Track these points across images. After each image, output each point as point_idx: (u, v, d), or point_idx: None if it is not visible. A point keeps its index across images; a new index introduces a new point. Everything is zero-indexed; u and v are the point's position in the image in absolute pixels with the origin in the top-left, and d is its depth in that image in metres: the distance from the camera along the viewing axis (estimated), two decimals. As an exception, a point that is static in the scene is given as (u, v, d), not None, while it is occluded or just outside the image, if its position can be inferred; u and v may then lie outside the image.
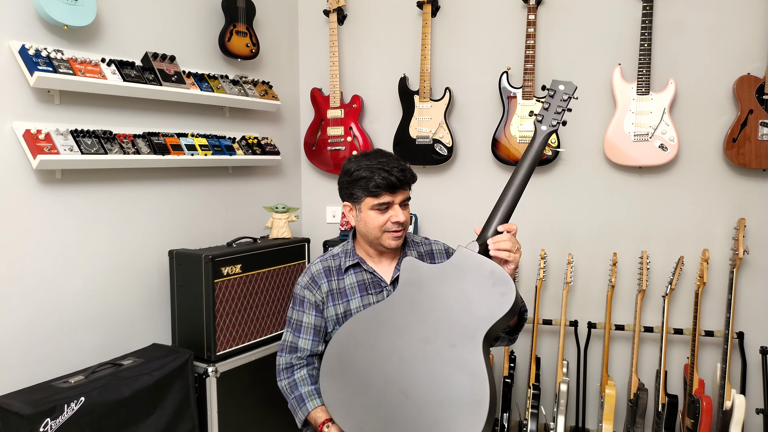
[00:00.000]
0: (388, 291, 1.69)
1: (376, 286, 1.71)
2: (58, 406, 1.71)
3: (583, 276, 2.73)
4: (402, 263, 1.54)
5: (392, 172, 1.58)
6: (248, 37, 2.75)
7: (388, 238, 1.64)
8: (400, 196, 1.62)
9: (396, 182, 1.59)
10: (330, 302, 1.70)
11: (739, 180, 2.48)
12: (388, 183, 1.58)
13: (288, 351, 1.73)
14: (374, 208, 1.61)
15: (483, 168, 2.87)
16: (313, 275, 1.73)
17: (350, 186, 1.64)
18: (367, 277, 1.71)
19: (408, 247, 1.76)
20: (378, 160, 1.61)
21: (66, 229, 2.08)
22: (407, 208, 1.67)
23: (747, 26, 2.41)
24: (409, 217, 1.69)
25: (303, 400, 1.65)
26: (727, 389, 2.28)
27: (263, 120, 2.99)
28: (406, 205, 1.66)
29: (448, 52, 2.91)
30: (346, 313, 1.69)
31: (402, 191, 1.62)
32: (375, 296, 1.70)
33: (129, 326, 2.31)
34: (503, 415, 2.57)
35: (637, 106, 2.50)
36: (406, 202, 1.66)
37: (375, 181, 1.58)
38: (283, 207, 2.68)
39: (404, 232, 1.67)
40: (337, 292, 1.71)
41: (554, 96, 1.56)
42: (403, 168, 1.61)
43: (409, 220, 1.69)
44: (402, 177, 1.60)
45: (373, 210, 1.62)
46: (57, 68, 1.94)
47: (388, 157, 1.63)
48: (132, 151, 2.19)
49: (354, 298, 1.70)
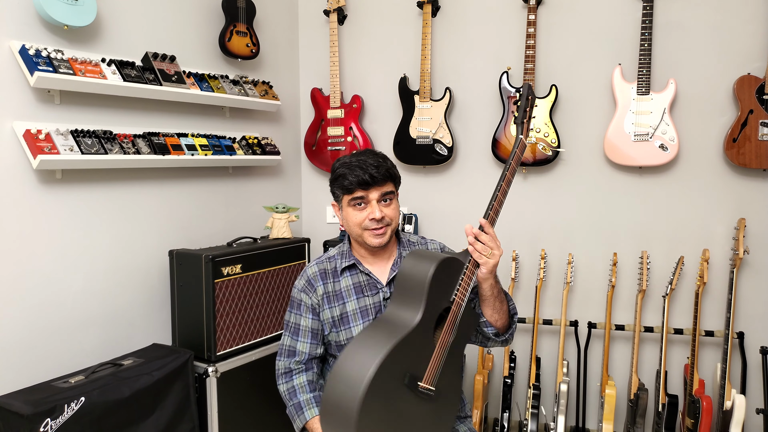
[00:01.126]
0: (383, 292, 1.69)
1: (372, 287, 1.70)
2: (59, 406, 1.71)
3: (583, 276, 2.73)
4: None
5: (367, 169, 1.58)
6: (248, 37, 2.75)
7: (369, 236, 1.63)
8: (375, 192, 1.60)
9: (368, 179, 1.58)
10: (326, 305, 1.70)
11: (739, 180, 2.48)
12: (359, 180, 1.58)
13: (286, 355, 1.73)
14: (350, 204, 1.62)
15: (483, 168, 2.87)
16: (309, 278, 1.73)
17: (332, 185, 1.66)
18: (363, 279, 1.71)
19: (403, 247, 1.74)
20: (358, 158, 1.62)
21: (66, 229, 2.08)
22: (390, 205, 1.64)
23: (747, 26, 2.41)
24: (396, 213, 1.66)
25: (301, 408, 1.65)
26: (727, 389, 2.28)
27: (263, 120, 2.99)
28: (387, 202, 1.63)
29: (449, 52, 2.91)
30: (342, 316, 1.69)
31: (377, 187, 1.60)
32: (371, 298, 1.69)
33: (129, 326, 2.31)
34: (503, 414, 2.57)
35: (637, 106, 2.50)
36: (386, 199, 1.63)
37: (348, 179, 1.59)
38: (284, 207, 2.68)
39: (387, 229, 1.64)
40: (333, 295, 1.70)
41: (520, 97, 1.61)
42: (379, 165, 1.60)
43: (396, 216, 1.67)
44: (375, 173, 1.59)
45: (350, 207, 1.63)
46: (57, 68, 1.94)
47: (367, 155, 1.63)
48: (132, 151, 2.19)
49: (350, 300, 1.69)
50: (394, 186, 1.66)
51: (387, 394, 1.39)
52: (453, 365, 1.55)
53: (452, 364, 1.54)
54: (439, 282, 1.50)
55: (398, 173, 1.69)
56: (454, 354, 1.53)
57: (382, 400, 1.37)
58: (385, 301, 1.68)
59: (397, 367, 1.41)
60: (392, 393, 1.40)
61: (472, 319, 1.59)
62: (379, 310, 1.68)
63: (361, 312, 1.69)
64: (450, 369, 1.53)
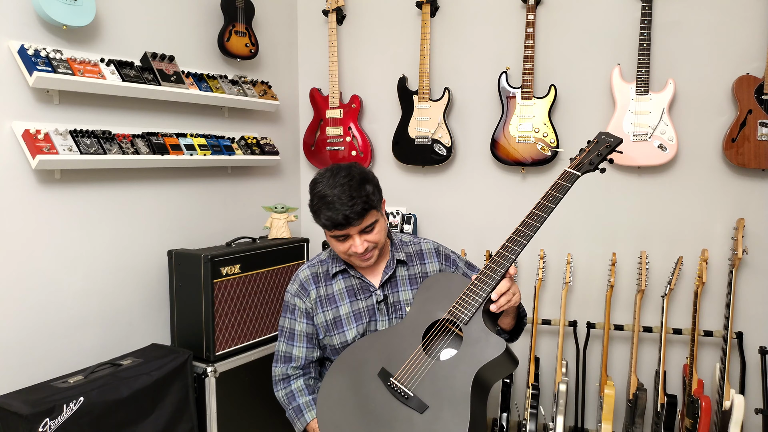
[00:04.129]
0: (376, 295, 1.68)
1: (365, 290, 1.69)
2: (57, 406, 1.71)
3: (582, 276, 2.73)
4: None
5: (339, 210, 1.49)
6: (247, 37, 2.75)
7: (356, 260, 1.62)
8: (353, 228, 1.53)
9: (342, 221, 1.50)
10: (319, 308, 1.69)
11: (738, 180, 2.48)
12: (334, 222, 1.51)
13: (283, 361, 1.72)
14: (332, 238, 1.59)
15: (482, 168, 2.87)
16: (302, 282, 1.72)
17: (312, 213, 1.59)
18: (355, 282, 1.70)
19: (395, 248, 1.73)
20: (333, 191, 1.50)
21: (65, 229, 2.08)
22: (374, 230, 1.57)
23: (746, 26, 2.42)
24: (382, 234, 1.60)
25: (301, 410, 1.65)
26: (726, 389, 2.28)
27: (262, 120, 2.99)
28: (371, 230, 1.57)
29: (448, 52, 2.91)
30: (335, 319, 1.68)
31: (353, 226, 1.52)
32: (364, 301, 1.68)
33: (128, 326, 2.31)
34: (502, 415, 2.57)
35: (636, 106, 2.50)
36: (369, 228, 1.56)
37: (321, 221, 1.54)
38: (282, 207, 2.68)
39: (375, 252, 1.62)
40: (325, 298, 1.69)
41: (597, 144, 1.53)
42: (354, 204, 1.49)
43: (383, 236, 1.61)
44: (351, 214, 1.49)
45: (332, 239, 1.59)
46: (56, 68, 1.94)
47: (342, 187, 1.50)
48: (131, 151, 2.19)
49: (343, 304, 1.69)
50: (376, 214, 1.57)
51: (359, 377, 1.45)
52: (456, 388, 1.35)
53: (455, 386, 1.35)
54: (440, 289, 1.49)
55: (378, 194, 1.58)
56: (456, 374, 1.37)
57: (353, 378, 1.46)
58: (379, 304, 1.68)
59: (374, 353, 1.48)
60: (365, 380, 1.45)
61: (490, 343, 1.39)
62: (373, 312, 1.68)
63: (354, 315, 1.68)
64: (451, 391, 1.35)
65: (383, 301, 1.68)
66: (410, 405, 1.36)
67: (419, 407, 1.35)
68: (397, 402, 1.38)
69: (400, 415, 1.36)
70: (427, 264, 1.75)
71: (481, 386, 1.39)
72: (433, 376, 1.39)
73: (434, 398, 1.35)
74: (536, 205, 1.48)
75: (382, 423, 1.37)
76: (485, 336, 1.39)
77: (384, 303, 1.68)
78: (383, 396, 1.40)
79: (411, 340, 1.47)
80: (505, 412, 2.57)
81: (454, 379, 1.36)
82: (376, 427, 1.37)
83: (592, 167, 1.49)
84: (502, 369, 1.42)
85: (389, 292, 1.69)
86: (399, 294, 1.70)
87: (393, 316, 1.68)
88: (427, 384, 1.38)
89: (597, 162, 1.49)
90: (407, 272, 1.72)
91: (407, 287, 1.71)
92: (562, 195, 1.47)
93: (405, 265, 1.73)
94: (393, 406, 1.38)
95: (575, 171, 1.50)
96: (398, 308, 1.69)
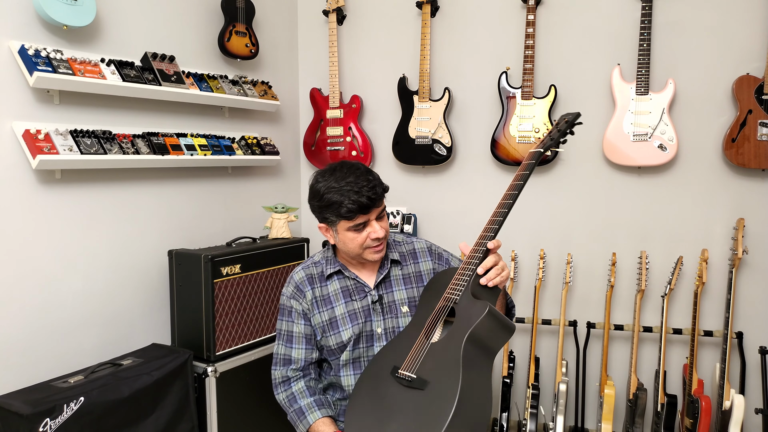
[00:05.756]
0: (371, 296, 1.68)
1: (360, 291, 1.70)
2: (58, 406, 1.71)
3: (582, 276, 2.73)
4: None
5: (362, 192, 1.51)
6: (248, 37, 2.75)
7: (369, 253, 1.62)
8: (374, 212, 1.57)
9: (368, 203, 1.52)
10: (315, 309, 1.69)
11: (738, 180, 2.48)
12: (360, 205, 1.52)
13: (282, 364, 1.72)
14: (351, 229, 1.57)
15: (482, 168, 2.88)
16: (297, 284, 1.72)
17: (322, 211, 1.58)
18: (350, 283, 1.70)
19: (389, 248, 1.73)
20: (346, 180, 1.53)
21: (65, 229, 2.09)
22: (384, 219, 1.62)
23: (746, 26, 2.42)
24: (387, 226, 1.65)
25: (303, 413, 1.65)
26: (726, 389, 2.28)
27: (263, 120, 2.99)
28: (382, 217, 1.61)
29: (448, 52, 2.92)
30: (331, 320, 1.68)
31: (375, 209, 1.57)
32: (359, 302, 1.69)
33: (128, 326, 2.32)
34: (502, 414, 2.57)
35: (636, 106, 2.50)
36: (381, 215, 1.61)
37: (346, 206, 1.52)
38: (283, 207, 2.68)
39: (385, 242, 1.64)
40: (321, 300, 1.70)
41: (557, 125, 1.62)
42: (374, 185, 1.54)
43: (388, 229, 1.65)
44: (373, 195, 1.53)
45: (350, 231, 1.58)
46: (56, 68, 1.94)
47: (355, 174, 1.55)
48: (131, 151, 2.19)
49: (338, 304, 1.69)
50: (384, 201, 1.63)
51: (377, 380, 1.51)
52: (450, 357, 1.42)
53: (449, 356, 1.42)
54: (441, 285, 1.54)
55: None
56: (450, 346, 1.43)
57: (372, 383, 1.52)
58: (374, 304, 1.68)
59: (389, 357, 1.54)
60: (380, 381, 1.50)
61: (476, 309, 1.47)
62: (368, 313, 1.68)
63: (349, 316, 1.68)
64: (446, 362, 1.41)
65: (378, 301, 1.68)
66: (414, 386, 1.41)
67: (421, 385, 1.40)
68: (404, 388, 1.43)
69: (406, 399, 1.42)
70: (420, 263, 1.76)
71: (475, 352, 1.43)
72: (432, 354, 1.45)
73: (433, 373, 1.41)
74: (510, 186, 1.57)
75: (393, 411, 1.42)
76: (471, 304, 1.45)
77: (379, 303, 1.69)
78: (394, 388, 1.45)
79: (416, 334, 1.52)
80: (505, 411, 2.57)
81: (448, 351, 1.42)
82: (387, 418, 1.41)
83: (553, 142, 1.59)
84: (494, 333, 1.47)
85: (384, 292, 1.70)
86: (394, 294, 1.70)
87: (388, 316, 1.69)
88: (428, 363, 1.44)
89: (557, 137, 1.59)
90: (401, 272, 1.73)
91: (402, 287, 1.72)
92: (530, 172, 1.57)
93: (399, 264, 1.73)
94: (401, 393, 1.43)
95: (538, 149, 1.59)
96: (393, 308, 1.69)
